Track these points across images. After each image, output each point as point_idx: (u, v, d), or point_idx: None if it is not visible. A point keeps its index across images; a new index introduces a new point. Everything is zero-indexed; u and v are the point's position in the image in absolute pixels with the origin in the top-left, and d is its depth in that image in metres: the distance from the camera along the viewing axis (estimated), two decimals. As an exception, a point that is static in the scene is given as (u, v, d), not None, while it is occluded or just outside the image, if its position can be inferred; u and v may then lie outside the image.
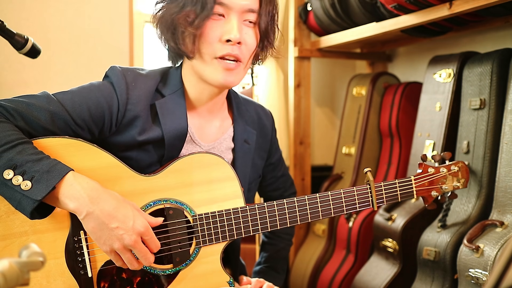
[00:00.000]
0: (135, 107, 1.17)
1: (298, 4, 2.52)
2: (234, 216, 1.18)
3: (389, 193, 1.30)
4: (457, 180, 1.38)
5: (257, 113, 1.42)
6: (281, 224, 1.21)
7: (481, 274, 1.44)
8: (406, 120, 2.25)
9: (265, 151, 1.44)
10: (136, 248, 1.03)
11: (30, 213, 0.98)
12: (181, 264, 1.16)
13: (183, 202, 1.17)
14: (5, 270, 0.55)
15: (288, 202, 1.22)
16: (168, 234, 1.14)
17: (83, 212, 1.00)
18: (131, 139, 1.17)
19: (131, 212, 1.03)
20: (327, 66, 2.92)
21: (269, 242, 1.54)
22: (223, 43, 1.14)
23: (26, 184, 0.97)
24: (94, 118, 1.14)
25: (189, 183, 1.18)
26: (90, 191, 1.01)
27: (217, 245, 1.19)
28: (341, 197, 1.25)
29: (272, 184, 1.53)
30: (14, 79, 2.15)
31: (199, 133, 1.28)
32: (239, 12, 1.15)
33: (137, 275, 1.14)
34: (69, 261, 1.08)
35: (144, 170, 1.19)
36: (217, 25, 1.15)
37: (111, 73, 1.20)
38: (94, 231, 1.01)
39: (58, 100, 1.11)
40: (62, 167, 1.01)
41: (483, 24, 1.96)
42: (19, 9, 2.16)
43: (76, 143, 1.09)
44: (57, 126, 1.10)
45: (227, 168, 1.21)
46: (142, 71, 1.24)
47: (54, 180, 0.98)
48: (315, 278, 2.36)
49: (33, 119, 1.07)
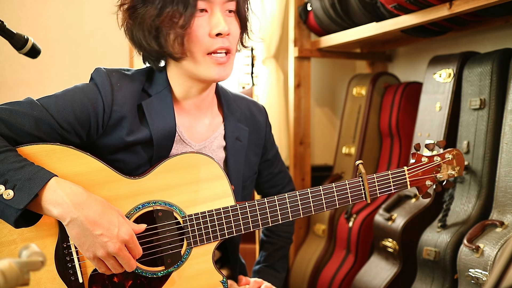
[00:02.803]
0: (121, 108, 1.15)
1: (298, 4, 2.52)
2: (225, 215, 1.17)
3: (382, 185, 1.28)
4: (452, 168, 1.34)
5: (249, 109, 1.40)
6: (273, 221, 1.20)
7: (481, 274, 1.44)
8: (406, 120, 2.25)
9: (260, 148, 1.42)
10: (120, 256, 1.02)
11: (14, 222, 0.97)
12: (172, 266, 1.15)
13: (172, 203, 1.16)
14: (5, 270, 0.55)
15: (279, 199, 1.21)
16: (159, 236, 1.13)
17: (66, 218, 0.99)
18: (120, 140, 1.16)
19: (116, 219, 1.02)
20: (327, 66, 2.92)
21: (268, 241, 1.54)
22: (213, 38, 1.13)
23: (8, 194, 0.96)
24: (79, 120, 1.12)
25: (177, 184, 1.17)
26: (74, 196, 0.99)
27: (209, 245, 1.18)
28: (333, 191, 1.23)
29: (269, 181, 1.51)
30: (14, 79, 2.15)
31: (189, 132, 1.26)
32: (220, 4, 1.14)
33: (128, 278, 1.13)
34: (59, 267, 1.07)
35: (133, 171, 1.18)
36: (202, 21, 1.13)
37: (96, 74, 1.18)
38: (77, 237, 1.00)
39: (41, 105, 1.09)
40: (45, 173, 1.00)
41: (483, 24, 1.96)
42: (19, 9, 2.16)
43: (60, 148, 1.07)
44: (43, 131, 1.08)
45: (215, 167, 1.20)
46: (128, 71, 1.23)
47: (36, 188, 0.97)
48: (315, 278, 2.36)
49: (17, 125, 1.05)
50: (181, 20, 1.11)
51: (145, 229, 1.10)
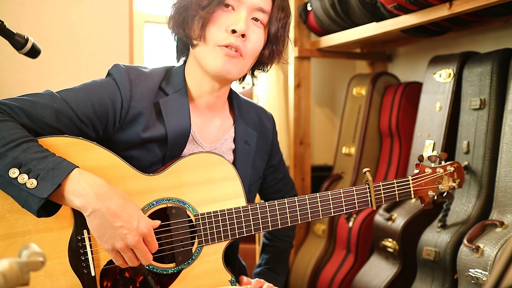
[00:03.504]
0: (138, 104, 1.17)
1: (298, 4, 2.52)
2: (236, 215, 1.19)
3: (388, 193, 1.31)
4: (453, 180, 1.39)
5: (258, 114, 1.43)
6: (282, 223, 1.22)
7: (481, 274, 1.44)
8: (406, 120, 2.25)
9: (266, 153, 1.44)
10: (138, 248, 1.03)
11: (37, 211, 0.98)
12: (183, 263, 1.16)
13: (185, 201, 1.17)
14: (5, 270, 0.55)
15: (289, 202, 1.23)
16: (171, 233, 1.15)
17: (88, 209, 1.00)
18: (135, 136, 1.18)
19: (136, 213, 1.04)
20: (327, 66, 2.92)
21: (270, 244, 1.55)
22: (228, 33, 1.16)
23: (32, 182, 0.97)
24: (98, 114, 1.14)
25: (191, 182, 1.18)
26: (96, 187, 1.01)
27: (219, 244, 1.19)
28: (340, 196, 1.26)
29: (273, 186, 1.54)
30: (14, 79, 2.15)
31: (200, 133, 1.28)
32: (249, 8, 1.18)
33: (139, 274, 1.14)
34: (72, 260, 1.07)
35: (146, 169, 1.19)
36: (226, 15, 1.18)
37: (115, 70, 1.20)
38: (98, 229, 1.01)
39: (62, 98, 1.11)
40: (68, 164, 1.01)
41: (483, 24, 1.96)
42: (19, 9, 2.16)
43: (80, 142, 1.09)
44: (62, 124, 1.10)
45: (229, 168, 1.22)
46: (145, 69, 1.25)
47: (59, 178, 0.98)
48: (315, 278, 2.36)
49: (38, 116, 1.07)
50: (208, 5, 1.16)
51: (158, 226, 1.11)
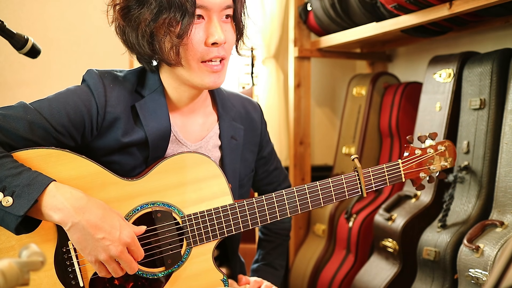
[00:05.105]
0: (114, 109, 1.14)
1: (298, 4, 2.52)
2: (223, 214, 1.17)
3: (377, 178, 1.29)
4: (445, 160, 1.36)
5: (244, 107, 1.39)
6: (271, 218, 1.21)
7: (481, 274, 1.44)
8: (406, 120, 2.25)
9: (256, 145, 1.41)
10: (122, 259, 1.02)
11: (15, 229, 0.96)
12: (173, 266, 1.15)
13: (170, 203, 1.15)
14: (5, 270, 0.55)
15: (276, 196, 1.21)
16: (158, 237, 1.13)
17: (68, 223, 0.98)
18: (115, 142, 1.15)
19: (118, 222, 1.02)
20: (327, 66, 2.92)
21: (265, 239, 1.53)
22: (208, 46, 1.11)
23: (7, 200, 0.95)
24: (73, 123, 1.10)
25: (175, 184, 1.16)
26: (74, 200, 0.99)
27: (208, 244, 1.18)
28: (329, 186, 1.24)
29: (265, 178, 1.51)
30: (14, 79, 2.15)
31: (183, 132, 1.26)
32: (217, 11, 1.11)
33: (129, 280, 1.13)
34: (59, 272, 1.06)
35: (129, 173, 1.18)
36: (199, 28, 1.10)
37: (88, 76, 1.17)
38: (79, 242, 0.99)
39: (35, 109, 1.08)
40: (43, 178, 0.99)
41: (483, 24, 1.96)
42: (19, 9, 2.16)
43: (56, 152, 1.06)
44: (38, 135, 1.07)
45: (212, 166, 1.20)
46: (120, 72, 1.22)
47: (35, 193, 0.96)
48: (315, 278, 2.36)
49: (12, 130, 1.04)
50: (178, 28, 1.07)
51: (145, 230, 1.09)
